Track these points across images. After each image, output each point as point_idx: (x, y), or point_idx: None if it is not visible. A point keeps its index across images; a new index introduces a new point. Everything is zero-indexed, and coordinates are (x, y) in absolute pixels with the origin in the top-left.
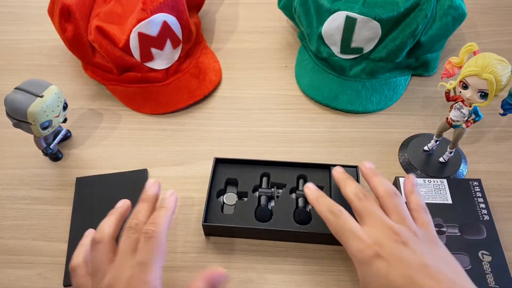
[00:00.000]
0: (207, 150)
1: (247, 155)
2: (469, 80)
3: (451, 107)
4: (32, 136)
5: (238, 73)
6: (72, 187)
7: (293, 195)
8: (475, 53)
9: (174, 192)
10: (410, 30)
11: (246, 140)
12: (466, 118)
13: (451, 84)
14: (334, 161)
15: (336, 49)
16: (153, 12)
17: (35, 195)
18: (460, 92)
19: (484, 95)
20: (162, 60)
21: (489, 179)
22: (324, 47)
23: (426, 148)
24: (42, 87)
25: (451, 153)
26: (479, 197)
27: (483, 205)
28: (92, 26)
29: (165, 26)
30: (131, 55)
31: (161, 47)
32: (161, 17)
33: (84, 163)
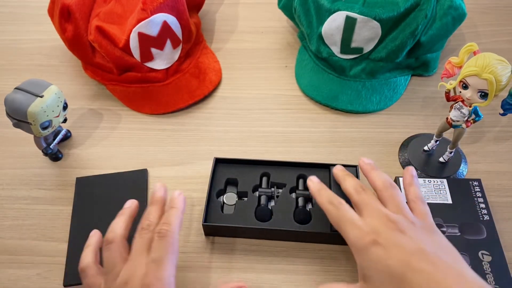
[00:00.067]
0: (207, 150)
1: (247, 155)
2: (469, 80)
3: (451, 107)
4: (32, 136)
5: (238, 73)
6: (72, 187)
7: (293, 195)
8: (475, 53)
9: (181, 192)
10: (410, 30)
11: (246, 140)
12: (466, 118)
13: (451, 84)
14: (334, 161)
15: (336, 49)
16: (153, 12)
17: (35, 195)
18: (460, 92)
19: (484, 95)
20: (162, 60)
21: (489, 179)
22: (324, 47)
23: (426, 148)
24: (42, 87)
25: (451, 153)
26: (479, 197)
27: (483, 205)
28: (92, 26)
29: (165, 26)
30: (131, 55)
31: (161, 47)
32: (161, 17)
33: (84, 163)
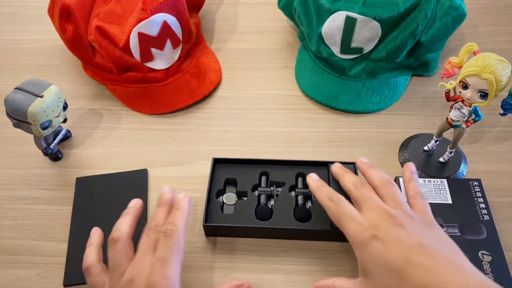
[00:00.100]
0: (207, 150)
1: (247, 155)
2: (469, 80)
3: (451, 107)
4: (32, 136)
5: (238, 73)
6: (72, 187)
7: (293, 193)
8: (475, 53)
9: (187, 195)
10: (410, 30)
11: (246, 140)
12: (466, 118)
13: (451, 84)
14: (333, 160)
15: (336, 49)
16: (153, 12)
17: (35, 195)
18: (460, 92)
19: (484, 95)
20: (162, 60)
21: (489, 179)
22: (324, 47)
23: (426, 148)
24: (42, 87)
25: (451, 153)
26: (479, 197)
27: (483, 205)
28: (92, 26)
29: (165, 26)
30: (131, 55)
31: (161, 47)
32: (161, 17)
33: (84, 163)
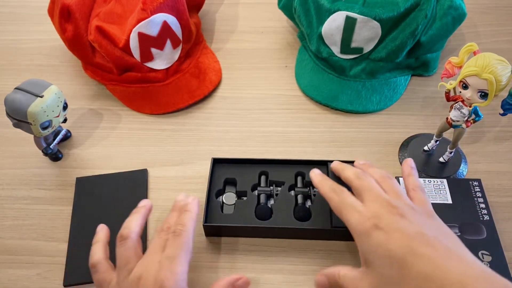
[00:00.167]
0: (207, 150)
1: (247, 155)
2: (469, 80)
3: (451, 107)
4: (32, 136)
5: (238, 73)
6: (72, 187)
7: (292, 193)
8: (475, 53)
9: (196, 197)
10: (410, 30)
11: (246, 140)
12: (466, 118)
13: (451, 84)
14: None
15: (336, 49)
16: (153, 12)
17: (35, 195)
18: (460, 92)
19: (484, 95)
20: (162, 60)
21: (489, 179)
22: (324, 47)
23: (426, 148)
24: (42, 87)
25: (451, 153)
26: (479, 197)
27: (483, 205)
28: (92, 26)
29: (165, 26)
30: (131, 55)
31: (161, 47)
32: (161, 17)
33: (84, 163)
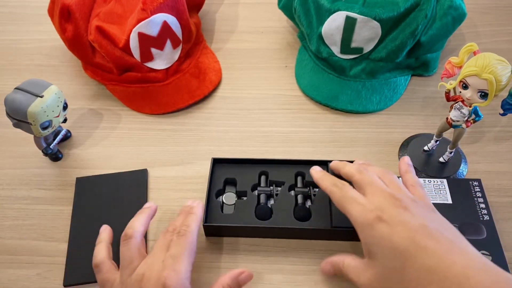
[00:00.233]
0: (207, 150)
1: (247, 155)
2: (469, 80)
3: (451, 107)
4: (32, 136)
5: (238, 73)
6: (72, 187)
7: (292, 193)
8: (475, 53)
9: (200, 201)
10: (410, 30)
11: (246, 140)
12: (466, 118)
13: (451, 84)
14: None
15: (336, 49)
16: (153, 12)
17: (35, 195)
18: (460, 92)
19: (484, 95)
20: (162, 60)
21: (489, 179)
22: (324, 47)
23: (426, 148)
24: (42, 87)
25: (451, 153)
26: (479, 197)
27: (483, 205)
28: (92, 26)
29: (165, 26)
30: (131, 55)
31: (161, 47)
32: (161, 17)
33: (84, 163)
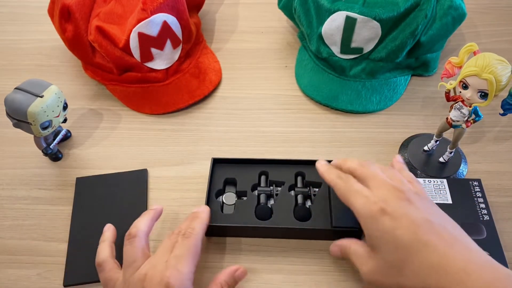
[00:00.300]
0: (207, 150)
1: (247, 155)
2: (469, 80)
3: (451, 107)
4: (32, 136)
5: (238, 73)
6: (72, 187)
7: (292, 193)
8: (475, 53)
9: (207, 206)
10: (410, 30)
11: (246, 140)
12: (466, 118)
13: (451, 84)
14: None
15: (336, 49)
16: (153, 12)
17: (35, 195)
18: (460, 92)
19: (484, 95)
20: (162, 60)
21: (489, 179)
22: (324, 47)
23: (426, 148)
24: (42, 87)
25: (451, 153)
26: (479, 197)
27: (483, 205)
28: (92, 26)
29: (165, 26)
30: (131, 55)
31: (161, 47)
32: (161, 17)
33: (84, 163)
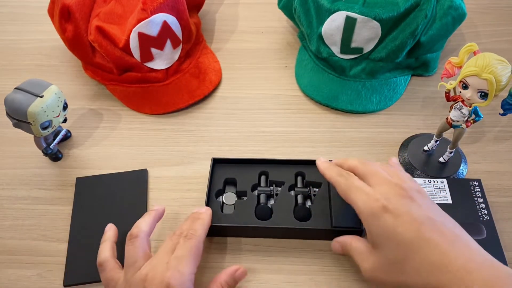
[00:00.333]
0: (207, 150)
1: (247, 155)
2: (469, 80)
3: (451, 107)
4: (32, 136)
5: (238, 73)
6: (72, 187)
7: (292, 193)
8: (475, 53)
9: (209, 208)
10: (410, 30)
11: (246, 140)
12: (466, 118)
13: (451, 84)
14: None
15: (336, 49)
16: (153, 12)
17: (35, 195)
18: (460, 92)
19: (484, 95)
20: (162, 60)
21: (489, 179)
22: (324, 47)
23: (426, 148)
24: (42, 87)
25: (451, 153)
26: (479, 197)
27: (483, 205)
28: (92, 26)
29: (165, 26)
30: (131, 55)
31: (161, 47)
32: (161, 17)
33: (84, 163)
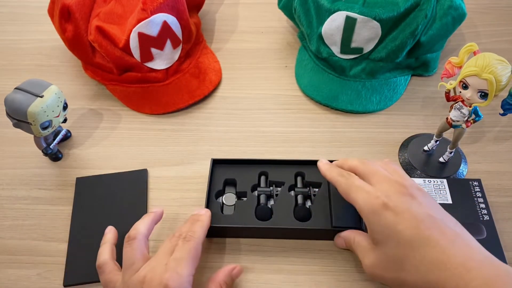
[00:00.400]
0: (207, 150)
1: (247, 155)
2: (469, 80)
3: (451, 107)
4: (32, 136)
5: (238, 73)
6: (72, 187)
7: (292, 193)
8: (475, 53)
9: (208, 210)
10: (410, 30)
11: (246, 140)
12: (466, 118)
13: (451, 84)
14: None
15: (336, 49)
16: (153, 12)
17: (35, 195)
18: (460, 92)
19: (484, 95)
20: (162, 60)
21: (489, 179)
22: (324, 47)
23: (426, 148)
24: (42, 87)
25: (451, 153)
26: (479, 197)
27: (483, 205)
28: (92, 26)
29: (165, 26)
30: (131, 55)
31: (161, 47)
32: (161, 17)
33: (84, 163)
